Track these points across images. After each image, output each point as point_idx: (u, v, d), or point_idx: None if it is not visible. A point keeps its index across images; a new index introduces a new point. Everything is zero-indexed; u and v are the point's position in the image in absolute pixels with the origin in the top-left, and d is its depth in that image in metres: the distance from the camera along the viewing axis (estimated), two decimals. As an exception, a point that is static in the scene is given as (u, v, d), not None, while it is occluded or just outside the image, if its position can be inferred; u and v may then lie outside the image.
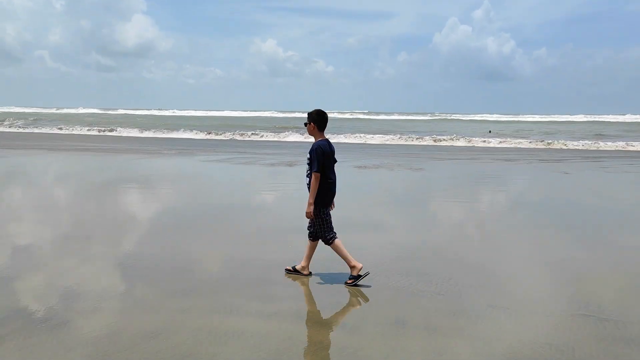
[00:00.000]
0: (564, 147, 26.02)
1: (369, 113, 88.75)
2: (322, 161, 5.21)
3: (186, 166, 16.37)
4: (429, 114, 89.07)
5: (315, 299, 5.00)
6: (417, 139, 29.87)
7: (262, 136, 31.87)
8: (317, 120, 5.37)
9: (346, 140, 29.16)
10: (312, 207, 5.21)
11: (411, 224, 8.37)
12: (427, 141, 28.95)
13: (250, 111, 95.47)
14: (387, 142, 28.90)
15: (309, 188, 5.28)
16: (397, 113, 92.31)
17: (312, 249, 5.50)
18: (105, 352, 3.70)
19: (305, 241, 5.51)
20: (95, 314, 4.39)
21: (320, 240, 5.41)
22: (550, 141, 27.96)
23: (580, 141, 28.26)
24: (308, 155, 5.35)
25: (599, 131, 39.87)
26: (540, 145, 26.73)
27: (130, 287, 5.10)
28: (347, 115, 78.10)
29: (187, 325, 4.17)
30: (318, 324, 4.39)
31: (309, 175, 5.30)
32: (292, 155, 19.32)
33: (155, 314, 4.38)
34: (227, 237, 7.07)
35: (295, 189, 11.27)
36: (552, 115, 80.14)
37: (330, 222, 5.35)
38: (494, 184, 13.25)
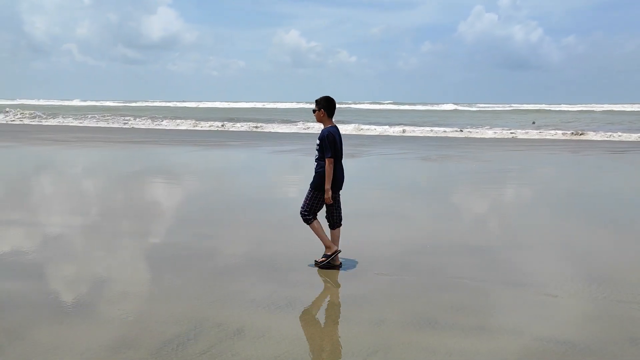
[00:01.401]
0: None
1: (394, 103, 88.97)
2: (334, 147, 5.27)
3: (277, 159, 17.15)
4: (453, 104, 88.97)
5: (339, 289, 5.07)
6: (467, 130, 29.04)
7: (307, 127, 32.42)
8: (326, 106, 5.40)
9: (391, 132, 28.44)
10: (330, 193, 5.30)
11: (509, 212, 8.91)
12: (482, 133, 28.10)
13: (274, 102, 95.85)
14: (429, 135, 27.96)
15: (317, 174, 5.36)
16: (420, 104, 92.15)
17: (334, 237, 5.56)
18: (132, 338, 3.84)
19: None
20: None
21: (339, 228, 5.53)
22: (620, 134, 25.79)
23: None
24: (317, 142, 5.38)
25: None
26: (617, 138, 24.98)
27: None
28: (374, 107, 78.47)
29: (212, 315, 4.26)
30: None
31: (317, 161, 5.39)
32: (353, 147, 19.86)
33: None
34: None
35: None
36: (589, 105, 78.92)
37: (318, 208, 5.44)
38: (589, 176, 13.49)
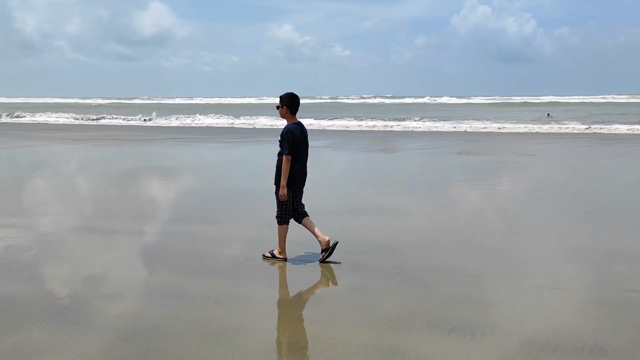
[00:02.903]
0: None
1: (391, 97, 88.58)
2: (292, 144, 5.28)
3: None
4: (447, 97, 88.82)
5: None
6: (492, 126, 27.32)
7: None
8: (290, 103, 5.43)
9: (415, 125, 27.96)
10: (285, 190, 5.31)
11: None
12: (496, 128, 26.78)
13: (267, 97, 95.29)
14: (450, 130, 26.25)
15: (277, 170, 5.42)
16: (411, 97, 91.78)
17: (308, 226, 5.52)
18: (126, 335, 3.85)
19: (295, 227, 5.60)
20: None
21: (303, 219, 5.50)
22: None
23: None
24: (279, 138, 5.42)
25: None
26: None
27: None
28: (371, 100, 78.16)
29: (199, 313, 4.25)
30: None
31: (278, 156, 5.44)
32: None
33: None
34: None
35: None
36: (590, 96, 78.79)
37: (289, 207, 5.43)
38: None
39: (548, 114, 35.54)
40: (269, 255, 5.61)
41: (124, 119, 36.28)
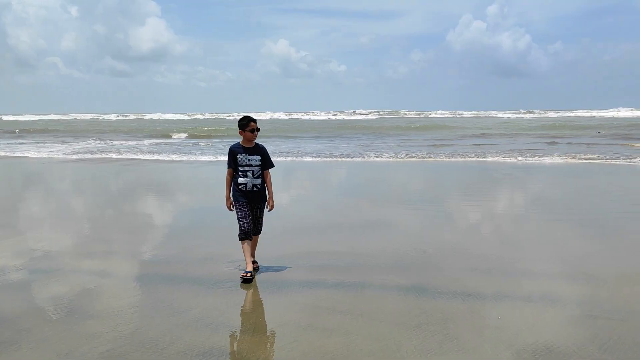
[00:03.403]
0: None
1: (390, 113, 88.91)
2: (230, 159, 5.74)
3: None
4: (447, 111, 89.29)
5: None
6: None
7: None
8: (239, 125, 5.76)
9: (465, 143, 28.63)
10: (228, 201, 5.77)
11: None
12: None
13: (262, 112, 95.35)
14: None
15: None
16: (403, 111, 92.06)
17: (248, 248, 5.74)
18: (121, 352, 3.94)
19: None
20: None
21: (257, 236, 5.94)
22: None
23: None
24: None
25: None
26: None
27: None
28: (370, 116, 78.48)
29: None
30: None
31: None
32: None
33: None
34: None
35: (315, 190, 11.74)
36: (589, 110, 78.65)
37: (241, 221, 5.68)
38: None
39: (599, 132, 33.93)
40: (244, 275, 5.59)
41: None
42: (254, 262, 5.85)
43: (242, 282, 5.49)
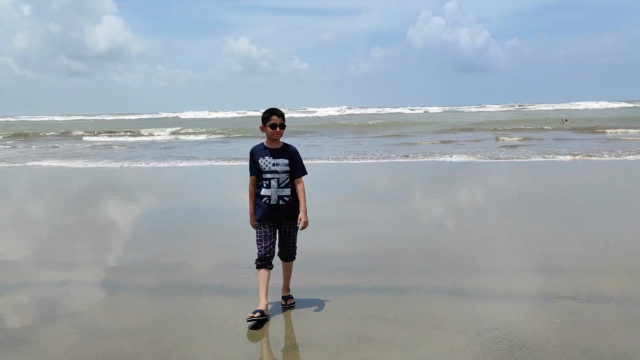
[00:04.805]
0: None
1: (352, 109, 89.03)
2: (251, 164, 4.60)
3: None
4: (409, 108, 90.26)
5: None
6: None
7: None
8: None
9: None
10: (252, 218, 4.63)
11: None
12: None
13: (226, 111, 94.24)
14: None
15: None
16: (366, 107, 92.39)
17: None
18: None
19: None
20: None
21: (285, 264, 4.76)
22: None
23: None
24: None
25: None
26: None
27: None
28: (332, 113, 78.33)
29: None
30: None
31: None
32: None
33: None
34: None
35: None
36: (559, 104, 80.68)
37: (260, 241, 4.52)
38: None
39: (565, 120, 34.78)
40: (251, 315, 4.36)
41: None
42: (288, 298, 4.76)
43: (250, 327, 4.26)
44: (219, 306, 4.83)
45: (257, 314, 4.29)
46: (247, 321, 4.26)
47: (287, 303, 4.73)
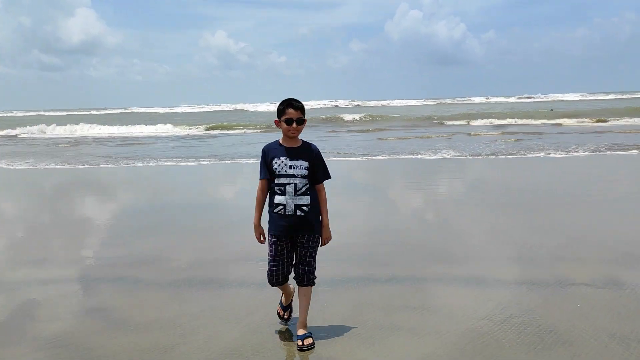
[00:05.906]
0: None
1: (329, 103, 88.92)
2: (262, 165, 3.89)
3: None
4: (388, 101, 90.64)
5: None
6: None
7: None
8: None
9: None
10: (258, 230, 3.94)
11: None
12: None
13: (204, 105, 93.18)
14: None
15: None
16: (341, 100, 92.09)
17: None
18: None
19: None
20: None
21: (306, 286, 3.98)
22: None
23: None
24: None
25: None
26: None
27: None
28: (310, 107, 78.17)
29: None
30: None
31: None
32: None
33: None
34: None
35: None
36: (538, 96, 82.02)
37: (272, 262, 3.91)
38: None
39: (551, 110, 38.74)
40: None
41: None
42: (305, 337, 3.87)
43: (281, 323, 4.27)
44: (244, 298, 4.90)
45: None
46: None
47: (305, 344, 3.82)
